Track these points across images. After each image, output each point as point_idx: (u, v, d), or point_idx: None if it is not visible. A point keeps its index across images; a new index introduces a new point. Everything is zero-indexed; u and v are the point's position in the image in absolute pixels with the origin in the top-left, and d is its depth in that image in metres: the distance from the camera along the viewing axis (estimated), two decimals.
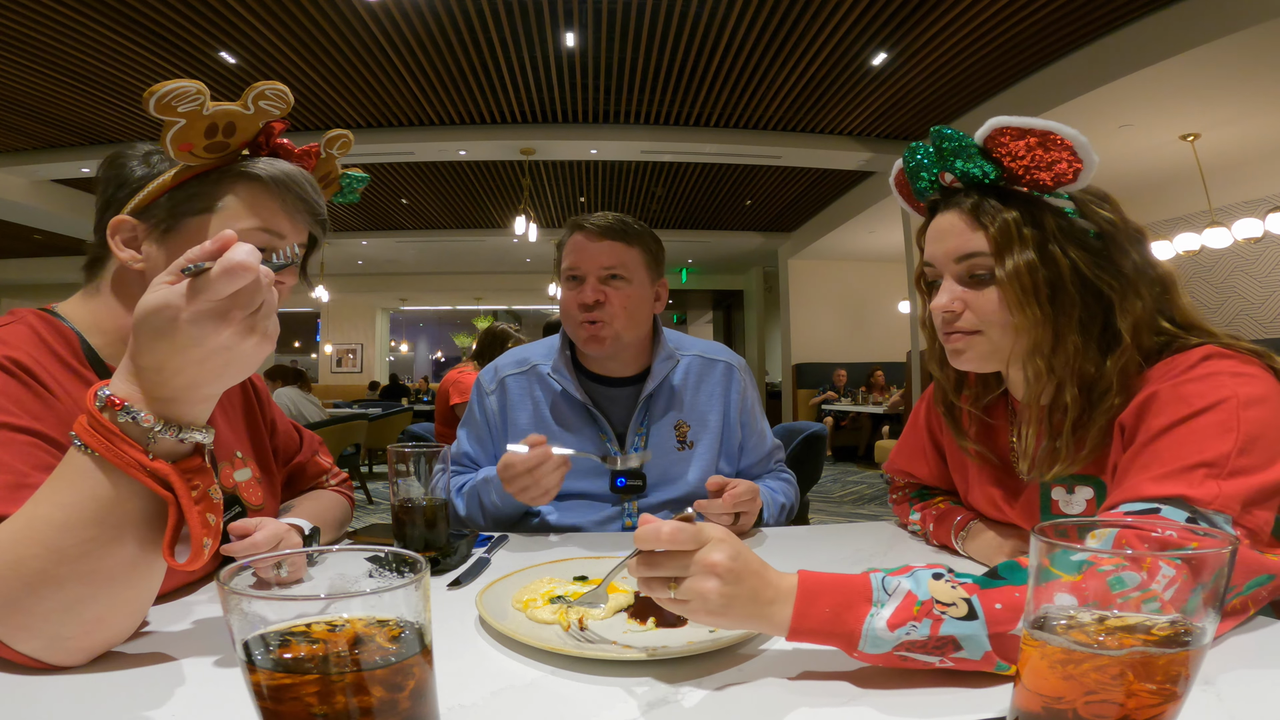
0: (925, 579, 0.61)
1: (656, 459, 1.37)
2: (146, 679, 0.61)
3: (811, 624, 0.61)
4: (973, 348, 0.88)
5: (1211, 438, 0.70)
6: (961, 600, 0.59)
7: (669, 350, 1.39)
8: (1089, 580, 0.58)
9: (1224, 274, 6.31)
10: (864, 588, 0.62)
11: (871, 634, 0.59)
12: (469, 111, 5.90)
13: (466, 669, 0.65)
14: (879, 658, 0.60)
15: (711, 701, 0.59)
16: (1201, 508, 0.66)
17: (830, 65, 5.03)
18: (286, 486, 1.16)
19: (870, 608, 0.60)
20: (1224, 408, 0.71)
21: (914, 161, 0.91)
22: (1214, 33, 3.82)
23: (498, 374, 1.43)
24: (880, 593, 0.61)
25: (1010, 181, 0.84)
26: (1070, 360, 0.82)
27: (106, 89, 5.08)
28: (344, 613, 0.41)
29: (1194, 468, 0.68)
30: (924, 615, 0.59)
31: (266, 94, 0.78)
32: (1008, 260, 0.82)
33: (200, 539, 0.62)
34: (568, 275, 1.35)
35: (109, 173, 0.84)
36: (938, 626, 0.58)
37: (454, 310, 16.24)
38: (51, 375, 0.75)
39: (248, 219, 0.82)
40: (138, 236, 0.81)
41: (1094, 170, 0.79)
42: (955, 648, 0.58)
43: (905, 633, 0.59)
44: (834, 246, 9.48)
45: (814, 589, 0.62)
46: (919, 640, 0.59)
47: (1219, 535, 0.55)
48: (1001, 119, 0.81)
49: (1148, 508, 0.68)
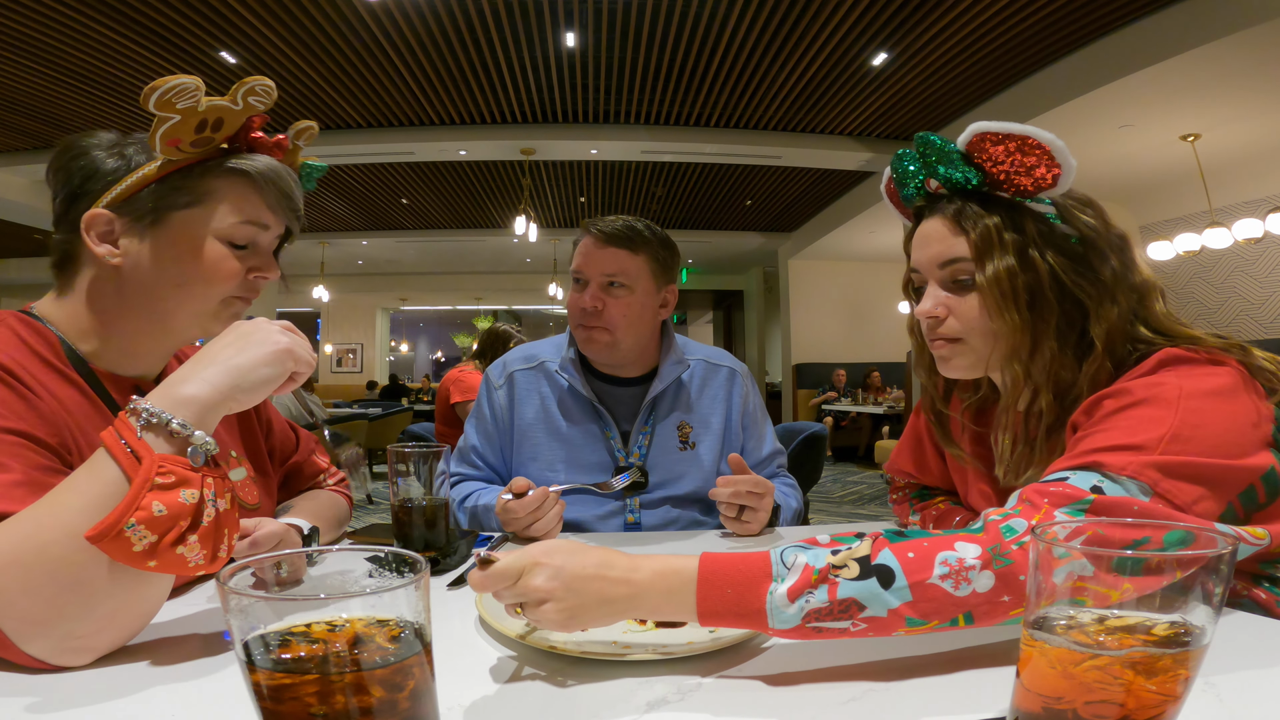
0: (824, 552, 0.62)
1: (659, 458, 1.38)
2: (146, 679, 0.61)
3: (717, 606, 0.62)
4: (958, 355, 0.88)
5: (1144, 423, 0.68)
6: (852, 562, 0.61)
7: (679, 354, 1.42)
8: (988, 533, 0.62)
9: (1224, 274, 6.31)
10: (763, 564, 0.63)
11: (774, 608, 0.60)
12: (469, 111, 5.90)
13: (466, 669, 0.65)
14: (792, 632, 0.61)
15: (712, 701, 0.58)
16: (1113, 473, 0.65)
17: (830, 65, 5.03)
18: (283, 487, 1.16)
19: (770, 583, 0.61)
20: (1163, 399, 0.70)
21: (900, 169, 0.91)
22: (1214, 33, 3.82)
23: (506, 369, 1.45)
24: (779, 567, 0.62)
25: (993, 187, 0.84)
26: (1047, 366, 0.82)
27: (106, 89, 5.08)
28: (344, 613, 0.41)
29: (1119, 448, 0.67)
30: (820, 581, 0.60)
31: (255, 90, 0.78)
32: (988, 265, 0.82)
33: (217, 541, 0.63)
34: (574, 276, 1.38)
35: (72, 164, 0.81)
36: (834, 590, 0.60)
37: (454, 310, 16.25)
38: (34, 377, 0.74)
39: (234, 213, 0.83)
40: (115, 230, 0.80)
41: (1073, 174, 0.79)
42: (859, 608, 0.60)
43: (804, 601, 0.60)
44: (834, 247, 9.48)
45: (714, 572, 0.63)
46: (821, 607, 0.60)
47: (1216, 533, 0.55)
48: (982, 124, 0.81)
49: (1058, 477, 0.67)
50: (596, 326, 1.33)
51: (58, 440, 0.73)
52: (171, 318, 0.84)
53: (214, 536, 0.65)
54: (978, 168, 0.84)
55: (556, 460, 1.38)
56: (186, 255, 0.81)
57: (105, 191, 0.80)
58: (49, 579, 0.59)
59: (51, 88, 5.05)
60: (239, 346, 0.72)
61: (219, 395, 0.69)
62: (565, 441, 1.38)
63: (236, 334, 0.74)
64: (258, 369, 0.71)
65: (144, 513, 0.60)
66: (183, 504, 0.62)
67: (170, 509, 0.61)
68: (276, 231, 0.89)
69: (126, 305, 0.82)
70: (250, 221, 0.84)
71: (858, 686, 0.60)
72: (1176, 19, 4.05)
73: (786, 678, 0.62)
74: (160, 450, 0.64)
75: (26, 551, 0.59)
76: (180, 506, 0.62)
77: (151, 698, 0.58)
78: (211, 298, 0.84)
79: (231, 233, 0.83)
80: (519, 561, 0.62)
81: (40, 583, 0.58)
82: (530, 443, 1.39)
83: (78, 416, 0.77)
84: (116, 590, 0.61)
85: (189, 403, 0.67)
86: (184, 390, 0.67)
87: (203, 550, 0.63)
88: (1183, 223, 6.17)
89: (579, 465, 1.37)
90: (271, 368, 0.72)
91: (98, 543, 0.58)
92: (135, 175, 0.80)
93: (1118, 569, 0.42)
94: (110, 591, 0.61)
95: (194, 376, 0.69)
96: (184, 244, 0.81)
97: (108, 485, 0.61)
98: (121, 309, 0.83)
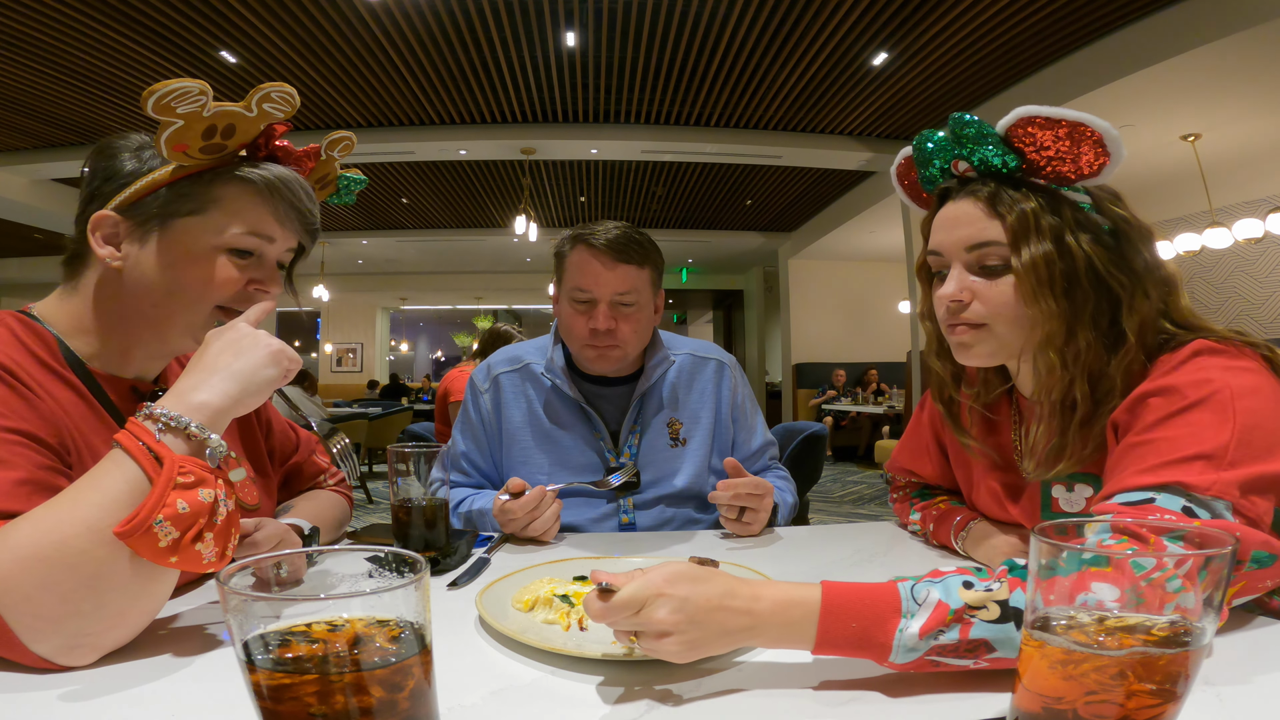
0: (955, 586, 0.60)
1: (650, 456, 1.37)
2: (146, 678, 0.61)
3: (837, 638, 0.60)
4: (980, 342, 0.87)
5: (1208, 429, 0.69)
6: (993, 604, 0.58)
7: (664, 352, 1.40)
8: (1120, 571, 0.58)
9: (1224, 274, 6.31)
10: (892, 599, 0.60)
11: (901, 645, 0.58)
12: (469, 111, 5.90)
13: (466, 669, 0.65)
14: (910, 665, 0.59)
15: (712, 702, 0.59)
16: (1199, 494, 0.65)
17: (830, 65, 5.03)
18: (284, 487, 1.15)
19: (900, 619, 0.59)
20: (1218, 400, 0.70)
21: (925, 149, 0.90)
22: (1215, 33, 3.82)
23: (490, 372, 1.42)
24: (910, 603, 0.60)
25: (1030, 173, 0.83)
26: (1082, 355, 0.81)
27: (107, 88, 5.08)
28: (344, 613, 0.41)
29: (1191, 459, 0.67)
30: (954, 621, 0.58)
31: (272, 96, 0.77)
32: (1025, 251, 0.81)
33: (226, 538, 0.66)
34: (576, 296, 1.30)
35: (98, 164, 0.82)
36: (968, 630, 0.58)
37: (454, 310, 16.24)
38: (32, 377, 0.74)
39: (236, 223, 0.81)
40: (119, 233, 0.80)
41: (1120, 164, 0.78)
42: (988, 650, 0.58)
43: (934, 638, 0.58)
44: (834, 246, 9.47)
45: (839, 604, 0.61)
46: (949, 644, 0.58)
47: (1217, 528, 0.55)
48: (1030, 108, 0.79)
49: (1143, 497, 0.67)
50: (609, 345, 1.29)
51: (57, 440, 0.73)
52: (165, 324, 0.84)
53: (225, 535, 0.66)
54: (1017, 152, 0.82)
55: (546, 463, 1.36)
56: (183, 262, 0.81)
57: (117, 194, 0.80)
58: (69, 574, 0.59)
59: (51, 87, 5.05)
60: (235, 352, 0.73)
61: (230, 401, 0.71)
62: (554, 444, 1.37)
63: (226, 341, 0.75)
64: (260, 371, 0.74)
65: (170, 509, 0.62)
66: (202, 502, 0.64)
67: (192, 507, 0.63)
68: (285, 245, 0.87)
69: (125, 308, 0.82)
70: (253, 232, 0.82)
71: (858, 686, 0.60)
72: (1176, 19, 4.05)
73: (787, 679, 0.62)
74: (179, 452, 0.66)
75: (47, 546, 0.59)
76: (200, 505, 0.64)
77: (151, 697, 0.58)
78: (203, 308, 0.83)
79: (233, 242, 0.82)
80: (642, 592, 0.60)
81: (60, 578, 0.59)
82: (519, 446, 1.38)
83: (74, 417, 0.77)
84: (132, 586, 0.63)
85: (202, 408, 0.69)
86: (197, 397, 0.69)
87: (215, 548, 0.65)
88: (1183, 223, 6.17)
89: (569, 467, 1.36)
90: (272, 369, 0.75)
91: (126, 538, 0.60)
92: (145, 179, 0.80)
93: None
94: (126, 587, 0.62)
95: (204, 385, 0.71)
96: (182, 251, 0.81)
97: (129, 484, 0.63)
98: (121, 312, 0.83)
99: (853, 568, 1.00)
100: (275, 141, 0.84)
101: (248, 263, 0.84)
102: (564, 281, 1.33)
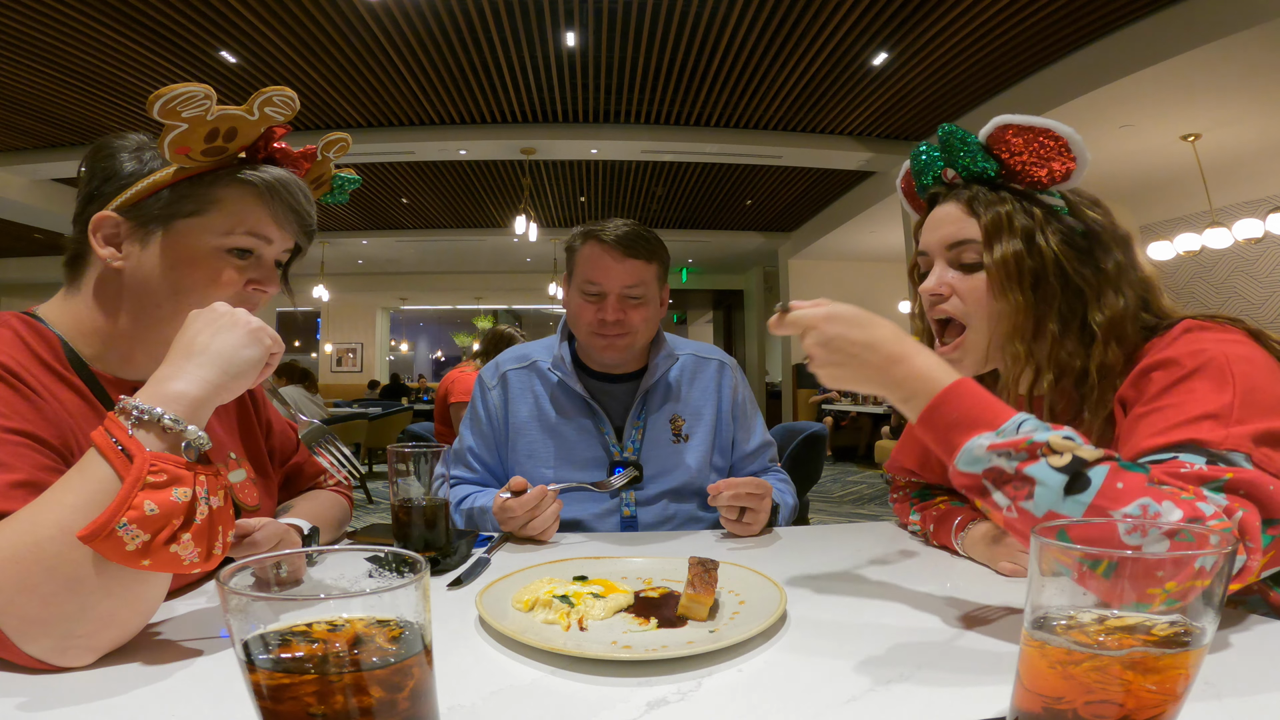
0: (1055, 435, 0.62)
1: (652, 451, 1.40)
2: (146, 679, 0.61)
3: (936, 423, 0.67)
4: (966, 353, 0.92)
5: (1210, 393, 0.72)
6: (1072, 455, 0.61)
7: (669, 349, 1.44)
8: (1187, 508, 0.59)
9: (1224, 274, 6.31)
10: (999, 419, 0.65)
11: (970, 452, 0.62)
12: (469, 111, 5.90)
13: (466, 669, 0.65)
14: (965, 476, 0.64)
15: (712, 702, 0.58)
16: (1215, 448, 0.67)
17: (830, 65, 5.03)
18: (284, 487, 1.16)
19: (988, 433, 0.63)
20: (1215, 365, 0.73)
21: (920, 161, 0.97)
22: (1214, 33, 3.82)
23: (499, 369, 1.47)
24: (1009, 426, 0.64)
25: (1008, 178, 0.90)
26: (1048, 347, 0.86)
27: (107, 88, 5.08)
28: (344, 613, 0.41)
29: (1200, 419, 0.70)
30: (1025, 450, 0.61)
31: (274, 100, 0.78)
32: (996, 248, 0.87)
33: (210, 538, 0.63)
34: (586, 289, 1.35)
35: (96, 164, 0.82)
36: (1028, 464, 0.60)
37: (454, 310, 16.25)
38: (36, 378, 0.74)
39: (237, 224, 0.82)
40: (120, 234, 0.80)
41: (1086, 168, 0.84)
42: (1028, 494, 0.60)
43: (997, 456, 0.61)
44: (834, 246, 9.48)
45: (955, 397, 0.67)
46: (1006, 472, 0.61)
47: (1219, 532, 0.55)
48: (1006, 117, 0.86)
49: (1166, 456, 0.68)
50: (618, 334, 1.34)
51: (60, 441, 0.73)
52: (167, 325, 0.83)
53: (208, 534, 0.64)
54: (996, 159, 0.89)
55: (551, 456, 1.39)
56: (184, 263, 0.81)
57: (118, 194, 0.80)
58: (46, 576, 0.59)
59: (51, 88, 5.05)
60: (211, 331, 0.71)
61: (209, 389, 0.69)
62: (559, 438, 1.40)
63: (204, 320, 0.73)
64: (239, 351, 0.71)
65: (135, 512, 0.60)
66: (175, 502, 0.62)
67: (162, 508, 0.61)
68: (283, 245, 0.88)
69: (126, 309, 0.83)
70: (252, 233, 0.83)
71: (858, 686, 0.60)
72: (1176, 19, 4.05)
73: (786, 678, 0.62)
74: (153, 448, 0.63)
75: (22, 548, 0.59)
76: (172, 505, 0.62)
77: (150, 697, 0.58)
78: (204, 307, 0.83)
79: (233, 243, 0.83)
80: (804, 319, 0.73)
81: (37, 580, 0.58)
82: (525, 440, 1.41)
83: (78, 419, 0.77)
84: (114, 588, 0.61)
85: (179, 398, 0.66)
86: (174, 386, 0.67)
87: (196, 548, 0.63)
88: (1183, 223, 6.17)
89: (573, 461, 1.39)
90: (252, 349, 0.72)
91: (90, 542, 0.58)
92: (147, 181, 0.80)
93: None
94: (107, 590, 0.61)
95: (180, 373, 0.68)
96: (183, 252, 0.81)
97: (100, 484, 0.61)
98: (122, 312, 0.83)
99: (854, 569, 1.00)
100: (274, 144, 0.84)
101: (247, 263, 0.85)
102: (575, 275, 1.38)
